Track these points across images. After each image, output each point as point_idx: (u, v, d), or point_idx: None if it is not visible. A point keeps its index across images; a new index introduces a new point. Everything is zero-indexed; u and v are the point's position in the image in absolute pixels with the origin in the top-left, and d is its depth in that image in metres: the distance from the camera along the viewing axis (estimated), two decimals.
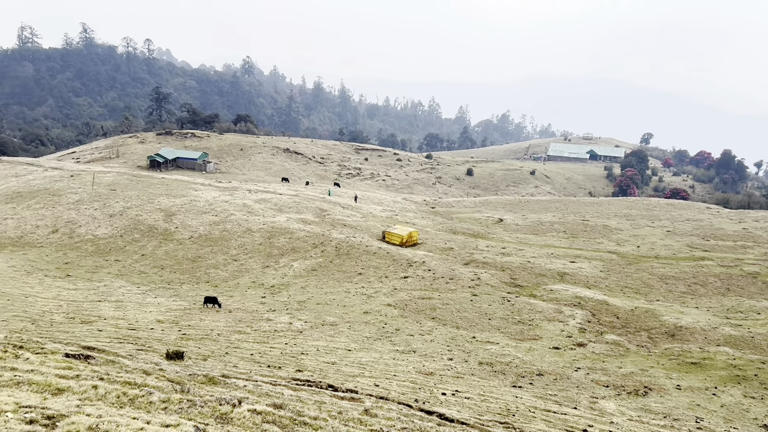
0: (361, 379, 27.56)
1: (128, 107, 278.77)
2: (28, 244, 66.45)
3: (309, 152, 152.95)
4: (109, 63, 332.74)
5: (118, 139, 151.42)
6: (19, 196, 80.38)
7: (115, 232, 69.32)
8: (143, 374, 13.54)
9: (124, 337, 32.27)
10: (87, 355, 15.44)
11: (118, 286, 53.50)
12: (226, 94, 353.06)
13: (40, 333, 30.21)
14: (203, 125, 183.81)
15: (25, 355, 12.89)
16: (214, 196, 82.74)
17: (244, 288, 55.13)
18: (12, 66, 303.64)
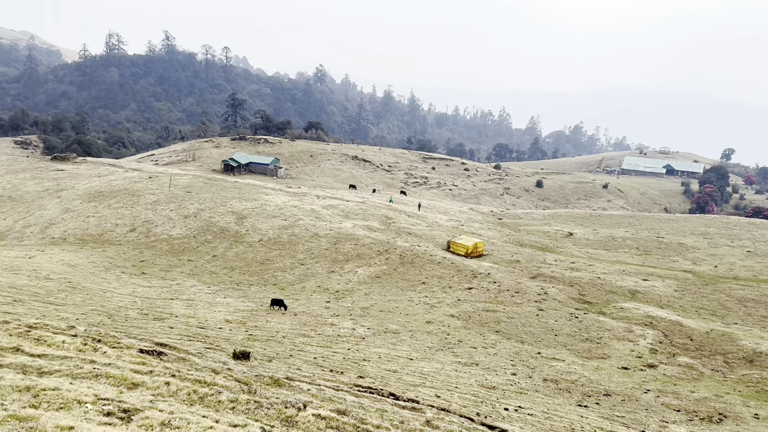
0: (422, 389, 27.40)
1: (205, 112, 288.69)
2: (107, 242, 69.63)
3: (377, 160, 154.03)
4: (189, 69, 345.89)
5: (194, 143, 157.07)
6: (101, 196, 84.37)
7: (188, 233, 71.73)
8: (212, 373, 13.91)
9: (194, 335, 33.26)
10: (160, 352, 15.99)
11: (190, 285, 55.27)
12: (298, 101, 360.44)
13: (115, 328, 31.53)
14: (276, 131, 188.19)
15: (102, 349, 13.48)
16: (284, 200, 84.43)
17: (309, 292, 55.91)
18: (99, 71, 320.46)
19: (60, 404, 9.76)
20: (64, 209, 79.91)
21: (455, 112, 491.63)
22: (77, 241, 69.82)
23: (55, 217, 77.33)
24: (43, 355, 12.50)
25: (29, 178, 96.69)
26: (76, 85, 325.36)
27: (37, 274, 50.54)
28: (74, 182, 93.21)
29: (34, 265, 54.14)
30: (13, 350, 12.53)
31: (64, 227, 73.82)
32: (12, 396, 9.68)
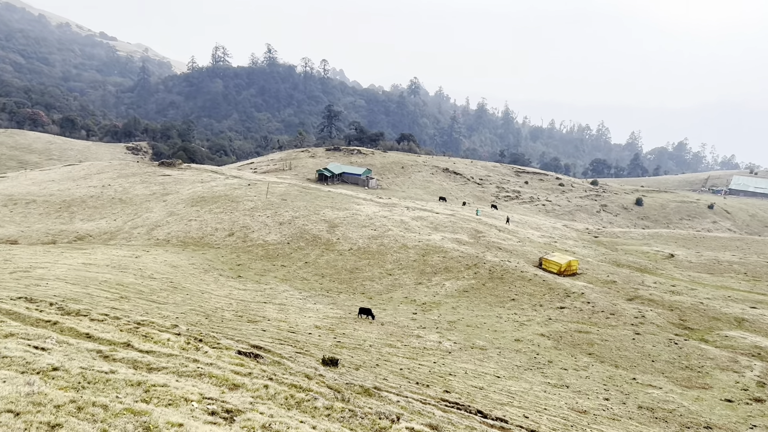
0: (509, 408, 26.77)
1: (302, 123, 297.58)
2: (207, 245, 72.84)
3: (468, 173, 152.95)
4: (288, 81, 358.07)
5: (291, 152, 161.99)
6: (203, 201, 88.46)
7: (283, 239, 73.86)
8: (305, 378, 14.18)
9: (285, 339, 34.10)
10: (256, 354, 16.49)
11: (282, 290, 56.80)
12: (391, 113, 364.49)
13: (212, 328, 32.85)
14: (369, 143, 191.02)
15: (204, 349, 14.07)
16: (374, 211, 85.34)
17: (396, 302, 56.07)
18: (205, 82, 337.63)
19: (169, 401, 10.25)
20: (169, 212, 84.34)
21: (551, 125, 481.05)
22: (179, 243, 73.47)
23: (160, 219, 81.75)
24: (150, 351, 13.21)
25: (138, 182, 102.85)
26: (184, 95, 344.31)
27: (142, 273, 53.52)
28: (179, 187, 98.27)
29: (140, 265, 57.36)
30: (124, 345, 13.32)
31: (168, 229, 77.89)
32: (126, 390, 10.27)
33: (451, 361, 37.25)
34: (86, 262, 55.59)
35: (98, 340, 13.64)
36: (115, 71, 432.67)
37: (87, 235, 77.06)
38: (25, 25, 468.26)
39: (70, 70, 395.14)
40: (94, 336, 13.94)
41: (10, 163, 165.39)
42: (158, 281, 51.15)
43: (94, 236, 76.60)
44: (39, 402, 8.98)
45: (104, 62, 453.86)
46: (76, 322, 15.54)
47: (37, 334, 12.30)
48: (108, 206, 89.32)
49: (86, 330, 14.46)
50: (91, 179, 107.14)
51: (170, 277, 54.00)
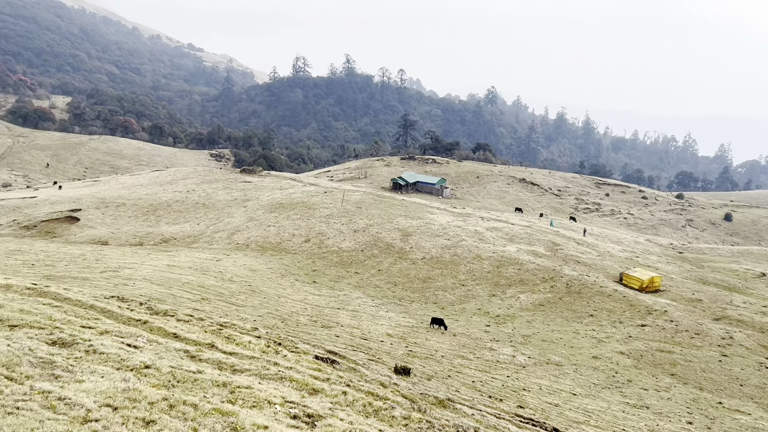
0: (586, 427, 25.96)
1: (378, 132, 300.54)
2: (284, 250, 74.56)
3: (545, 183, 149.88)
4: (366, 91, 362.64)
5: (367, 161, 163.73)
6: (281, 207, 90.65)
7: (357, 247, 74.65)
8: (380, 386, 14.29)
9: (358, 346, 34.41)
10: (332, 360, 16.74)
11: (356, 296, 57.37)
12: (467, 122, 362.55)
13: (287, 332, 33.59)
14: (444, 152, 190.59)
15: (283, 352, 14.41)
16: (448, 220, 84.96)
17: (469, 314, 55.53)
18: (286, 92, 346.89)
19: (253, 402, 10.57)
20: (249, 218, 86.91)
21: (634, 136, 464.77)
22: (258, 247, 75.55)
23: (240, 224, 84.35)
24: (233, 353, 13.66)
25: (221, 188, 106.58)
26: (265, 104, 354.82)
27: (223, 276, 55.37)
28: (258, 194, 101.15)
29: (220, 268, 59.36)
30: (208, 346, 13.85)
31: (247, 234, 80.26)
32: (212, 390, 10.67)
33: (525, 375, 36.52)
34: (170, 263, 58.07)
35: (185, 340, 14.24)
36: (201, 81, 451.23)
37: (172, 237, 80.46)
38: (120, 37, 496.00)
39: (159, 79, 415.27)
40: (180, 336, 14.57)
41: (103, 167, 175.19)
42: (237, 284, 52.78)
43: (178, 239, 79.88)
44: (134, 398, 9.47)
45: (191, 72, 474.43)
46: (164, 322, 16.29)
47: (129, 333, 12.97)
48: (192, 211, 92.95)
49: (173, 330, 15.14)
50: (177, 184, 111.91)
51: (249, 281, 55.60)
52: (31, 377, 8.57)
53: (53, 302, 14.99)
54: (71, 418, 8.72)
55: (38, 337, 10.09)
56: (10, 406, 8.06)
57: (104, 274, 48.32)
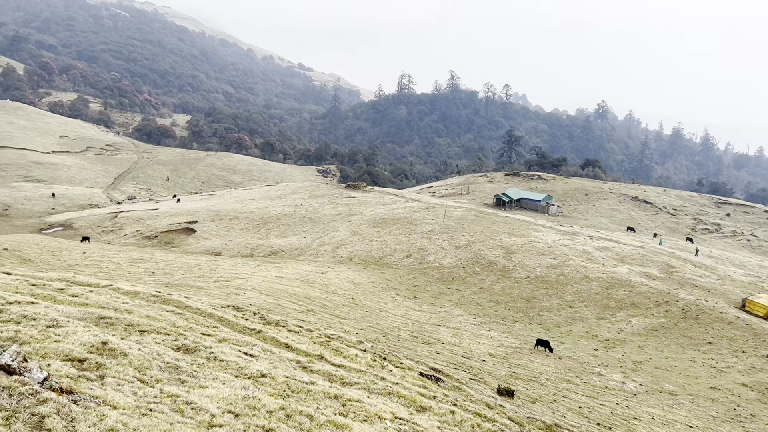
0: None
1: (481, 148, 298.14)
2: (386, 265, 75.32)
3: (660, 202, 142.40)
4: (470, 107, 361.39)
5: (469, 177, 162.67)
6: (384, 222, 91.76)
7: (458, 263, 74.15)
8: (486, 407, 14.08)
9: (459, 364, 34.06)
10: (437, 378, 16.70)
11: (457, 314, 56.92)
12: (576, 138, 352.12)
13: (389, 346, 33.80)
14: (550, 168, 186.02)
15: (388, 367, 14.55)
16: (554, 239, 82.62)
17: (576, 336, 53.56)
18: (390, 109, 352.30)
19: (364, 416, 10.75)
20: (352, 232, 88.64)
21: (759, 152, 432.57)
22: (361, 261, 76.82)
23: (344, 238, 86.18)
24: (342, 365, 13.95)
25: (326, 203, 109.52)
26: (370, 121, 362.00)
27: (327, 288, 56.70)
28: (362, 209, 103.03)
29: (325, 280, 60.82)
30: (318, 358, 14.23)
31: (351, 248, 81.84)
32: (325, 401, 10.95)
33: (636, 404, 34.68)
34: (278, 275, 60.19)
35: (296, 350, 14.70)
36: (310, 99, 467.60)
37: (280, 250, 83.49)
38: (236, 58, 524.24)
39: (271, 98, 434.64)
40: (292, 346, 15.05)
41: (218, 182, 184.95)
42: (341, 297, 53.85)
43: (286, 251, 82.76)
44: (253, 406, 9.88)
45: (301, 91, 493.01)
46: (276, 332, 16.91)
47: (245, 341, 13.58)
48: (299, 224, 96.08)
49: (285, 340, 15.67)
50: (286, 199, 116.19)
51: (351, 294, 56.59)
52: (160, 381, 9.17)
53: (176, 309, 15.98)
54: (197, 422, 9.22)
55: (164, 343, 10.80)
56: (144, 408, 8.64)
57: (217, 283, 50.83)
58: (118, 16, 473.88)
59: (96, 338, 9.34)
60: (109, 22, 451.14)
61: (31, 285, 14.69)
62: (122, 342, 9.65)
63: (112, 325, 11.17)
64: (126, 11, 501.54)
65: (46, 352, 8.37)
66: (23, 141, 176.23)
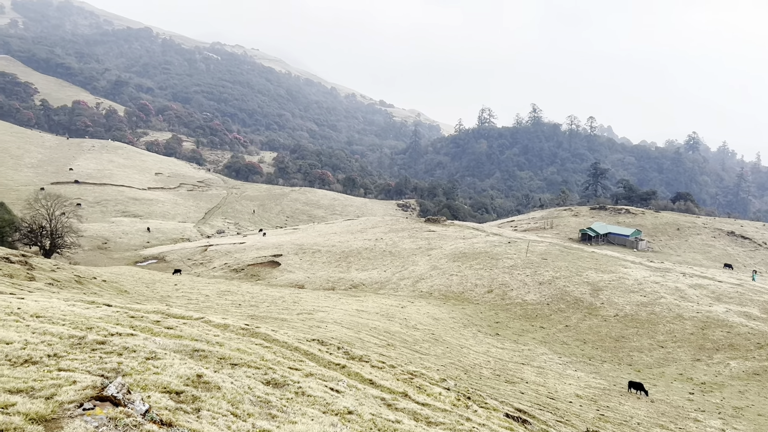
0: None
1: (565, 181, 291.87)
2: (466, 300, 74.41)
3: (759, 237, 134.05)
4: (552, 140, 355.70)
5: (553, 211, 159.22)
6: (464, 256, 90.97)
7: (542, 300, 72.26)
8: None
9: (544, 405, 32.95)
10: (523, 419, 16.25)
11: (541, 352, 55.26)
12: (665, 170, 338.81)
13: (471, 384, 33.18)
14: (638, 202, 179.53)
15: (473, 407, 14.31)
16: (644, 275, 79.19)
17: (669, 379, 50.73)
18: (470, 143, 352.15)
19: None
20: (432, 266, 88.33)
21: None
22: (441, 296, 76.27)
23: (424, 273, 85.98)
24: (426, 404, 13.83)
25: (406, 237, 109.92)
26: (450, 155, 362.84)
27: (407, 323, 56.54)
28: (442, 242, 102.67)
29: (405, 315, 60.71)
30: (402, 395, 14.20)
31: (431, 283, 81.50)
32: None
33: None
34: (359, 308, 60.63)
35: (380, 387, 14.70)
36: (391, 135, 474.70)
37: (360, 283, 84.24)
38: (320, 97, 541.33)
39: (353, 135, 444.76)
40: (376, 383, 15.08)
41: (302, 216, 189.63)
42: (421, 332, 53.52)
43: (366, 285, 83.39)
44: None
45: (382, 127, 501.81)
46: (360, 367, 17.00)
47: (330, 376, 13.73)
48: (379, 258, 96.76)
49: (369, 376, 15.72)
50: (366, 233, 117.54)
51: (432, 329, 56.14)
52: (252, 415, 9.39)
53: (264, 342, 16.39)
54: None
55: (255, 377, 11.10)
56: None
57: (300, 316, 51.75)
58: (210, 59, 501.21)
59: (191, 371, 9.74)
60: (202, 65, 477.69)
61: (129, 317, 15.52)
62: (216, 375, 10.00)
63: (205, 357, 11.61)
64: (218, 54, 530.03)
65: (146, 383, 8.80)
66: (122, 178, 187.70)
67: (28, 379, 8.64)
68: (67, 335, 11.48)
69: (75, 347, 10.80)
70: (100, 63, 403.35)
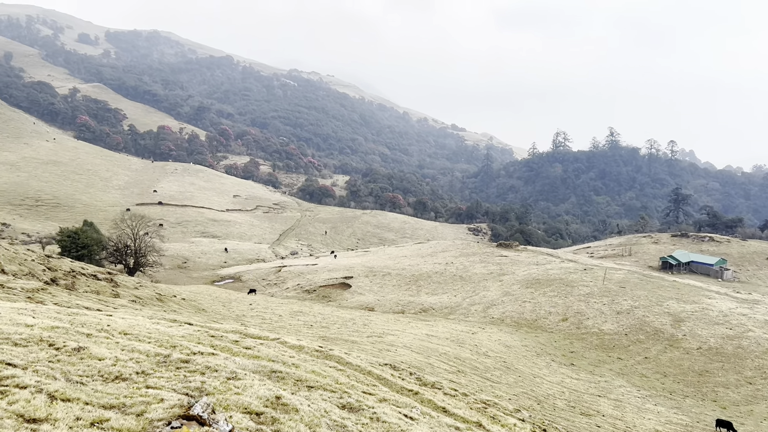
0: None
1: (644, 207, 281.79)
2: (539, 328, 72.66)
3: None
4: (631, 164, 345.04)
5: (631, 237, 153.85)
6: (537, 283, 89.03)
7: (619, 330, 69.69)
8: None
9: None
10: None
11: (618, 384, 53.20)
12: (753, 197, 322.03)
13: (545, 415, 32.30)
14: (723, 229, 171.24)
15: None
16: (730, 307, 75.14)
17: (758, 417, 47.72)
18: (545, 167, 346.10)
19: None
20: (504, 292, 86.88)
21: None
22: (513, 323, 74.80)
23: (495, 299, 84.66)
24: None
25: (477, 262, 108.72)
26: (523, 179, 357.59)
27: (477, 349, 55.71)
28: (514, 268, 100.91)
29: (476, 341, 59.86)
30: (476, 425, 14.04)
31: (502, 309, 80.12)
32: None
33: None
34: (429, 333, 60.25)
35: (453, 415, 14.58)
36: (462, 158, 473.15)
37: (430, 308, 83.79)
38: (392, 121, 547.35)
39: (424, 158, 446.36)
40: (449, 411, 14.96)
41: (372, 239, 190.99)
42: (492, 359, 52.60)
43: (436, 309, 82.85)
44: None
45: (453, 151, 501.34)
46: (432, 394, 16.93)
47: (404, 402, 13.74)
48: (449, 282, 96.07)
49: (442, 404, 15.61)
50: (436, 257, 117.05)
51: (503, 357, 55.08)
52: None
53: (337, 366, 16.59)
54: None
55: (330, 400, 11.24)
56: None
57: (370, 338, 51.94)
58: (287, 86, 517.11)
59: (270, 392, 9.99)
60: (280, 91, 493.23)
61: (210, 336, 16.08)
62: (293, 397, 10.21)
63: (282, 379, 11.87)
64: (294, 81, 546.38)
65: (228, 403, 9.10)
66: (202, 200, 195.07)
67: (119, 395, 9.13)
68: (153, 353, 12.04)
69: (161, 365, 11.31)
70: (184, 90, 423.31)
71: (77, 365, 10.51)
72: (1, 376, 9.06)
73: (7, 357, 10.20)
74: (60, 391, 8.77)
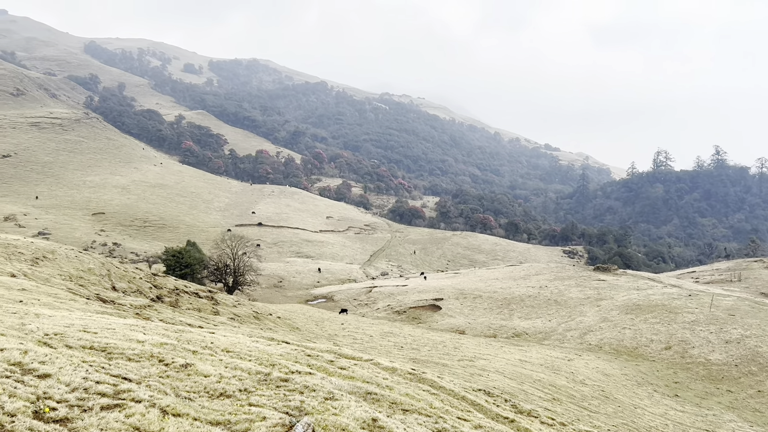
0: None
1: (755, 230, 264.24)
2: (640, 356, 69.25)
3: None
4: (739, 184, 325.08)
5: (741, 262, 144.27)
6: (638, 309, 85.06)
7: (729, 360, 65.28)
8: None
9: None
10: None
11: (728, 419, 49.74)
12: None
13: None
14: None
15: None
16: None
17: None
18: (645, 187, 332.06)
19: None
20: (602, 318, 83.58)
21: None
22: (612, 350, 71.73)
23: (593, 324, 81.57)
24: None
25: (573, 285, 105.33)
26: (622, 200, 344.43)
27: (574, 377, 53.78)
28: (613, 293, 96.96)
29: (572, 368, 57.81)
30: None
31: (600, 335, 77.06)
32: None
33: None
34: (522, 358, 58.82)
35: None
36: (557, 179, 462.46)
37: (523, 332, 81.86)
38: (483, 142, 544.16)
39: (516, 179, 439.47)
40: None
41: (463, 261, 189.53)
42: (589, 388, 50.59)
43: (530, 334, 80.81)
44: None
45: (546, 171, 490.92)
46: (529, 423, 16.55)
47: (499, 430, 13.53)
48: (543, 307, 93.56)
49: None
50: (530, 280, 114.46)
51: (601, 386, 52.85)
52: None
53: (431, 389, 16.58)
54: None
55: (425, 424, 11.26)
56: None
57: (461, 362, 51.35)
58: (379, 109, 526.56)
59: (367, 414, 10.13)
60: (371, 114, 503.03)
61: (306, 355, 16.52)
62: (389, 420, 10.31)
63: (377, 401, 12.00)
64: (385, 104, 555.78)
65: (326, 424, 9.31)
66: (297, 221, 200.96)
67: (225, 411, 9.56)
68: (255, 371, 12.52)
69: (262, 383, 11.74)
70: (281, 115, 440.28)
71: (185, 381, 11.11)
72: (118, 390, 9.72)
73: (123, 371, 10.94)
74: (171, 407, 9.30)
